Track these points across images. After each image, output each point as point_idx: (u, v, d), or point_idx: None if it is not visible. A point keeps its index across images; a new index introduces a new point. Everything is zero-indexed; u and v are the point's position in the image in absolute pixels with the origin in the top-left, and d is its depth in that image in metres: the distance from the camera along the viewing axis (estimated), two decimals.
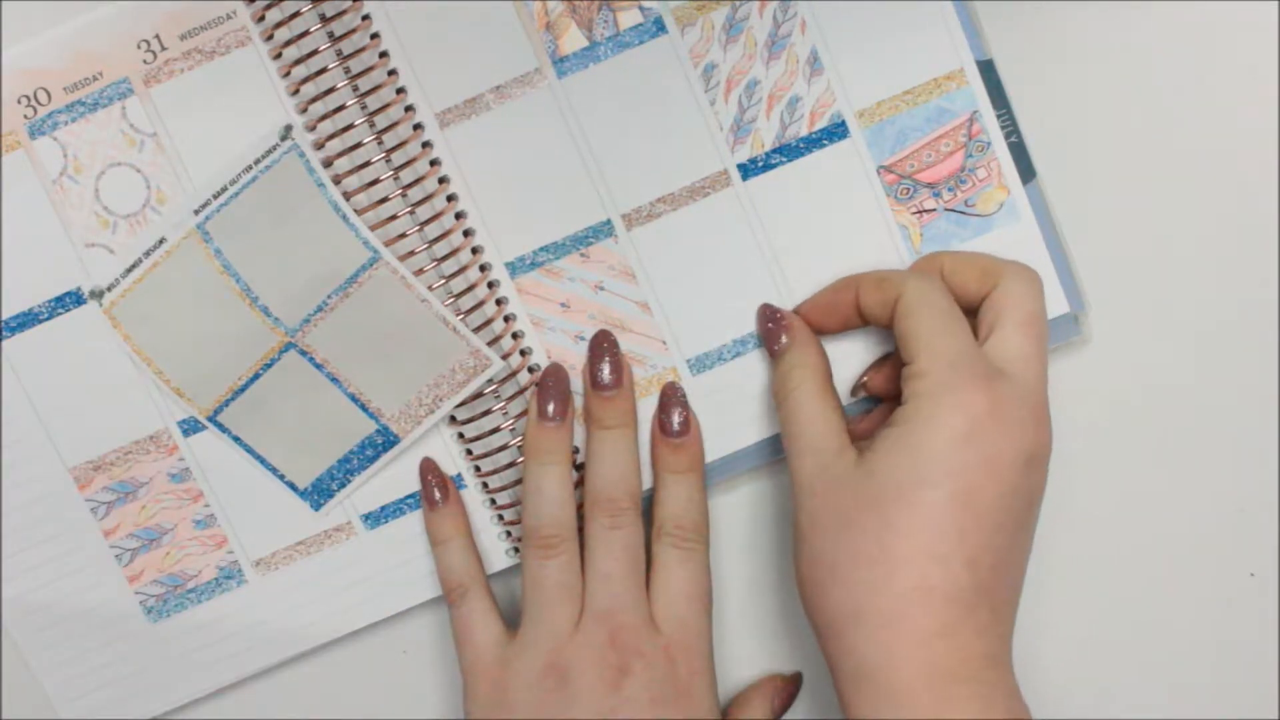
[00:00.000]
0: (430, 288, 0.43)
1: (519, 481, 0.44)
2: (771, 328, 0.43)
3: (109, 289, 0.43)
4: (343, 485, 0.45)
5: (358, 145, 0.43)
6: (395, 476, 0.45)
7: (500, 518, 0.45)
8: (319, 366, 0.44)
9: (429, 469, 0.45)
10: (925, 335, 0.39)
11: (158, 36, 0.43)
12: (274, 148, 0.43)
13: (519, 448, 0.44)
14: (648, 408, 0.45)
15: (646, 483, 0.45)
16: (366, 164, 0.43)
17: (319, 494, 0.45)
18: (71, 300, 0.45)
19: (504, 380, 0.44)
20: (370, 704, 0.48)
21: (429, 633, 0.47)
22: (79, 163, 0.44)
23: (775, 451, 0.45)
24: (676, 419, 0.44)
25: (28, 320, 0.45)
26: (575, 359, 0.45)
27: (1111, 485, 0.45)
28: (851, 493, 0.38)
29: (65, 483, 0.46)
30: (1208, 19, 0.44)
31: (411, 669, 0.47)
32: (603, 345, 0.44)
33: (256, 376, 0.44)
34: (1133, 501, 0.45)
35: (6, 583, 0.46)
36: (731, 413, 0.45)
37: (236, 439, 0.45)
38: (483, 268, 0.44)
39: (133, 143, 0.44)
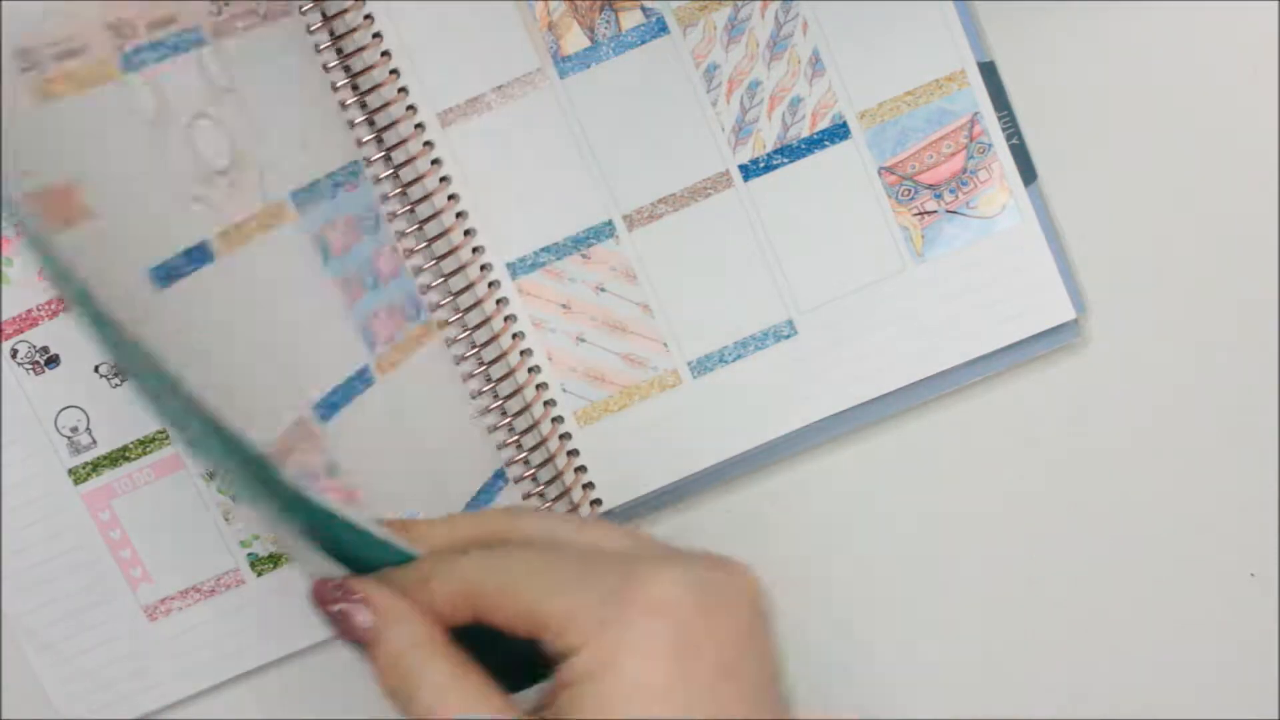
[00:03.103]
0: (429, 286, 0.43)
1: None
2: (340, 610, 0.32)
3: None
4: None
5: (357, 144, 0.43)
6: None
7: None
8: None
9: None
10: (535, 586, 0.30)
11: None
12: None
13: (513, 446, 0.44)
14: (646, 409, 0.44)
15: None
16: (367, 162, 0.43)
17: None
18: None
19: (502, 379, 0.44)
20: (370, 703, 0.47)
21: None
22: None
23: (776, 454, 0.45)
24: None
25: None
26: (576, 361, 0.45)
27: (1111, 485, 0.45)
28: None
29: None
30: (1208, 19, 0.43)
31: None
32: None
33: None
34: (1133, 501, 0.45)
35: (6, 582, 0.46)
36: (733, 416, 0.45)
37: None
38: (483, 267, 0.44)
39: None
